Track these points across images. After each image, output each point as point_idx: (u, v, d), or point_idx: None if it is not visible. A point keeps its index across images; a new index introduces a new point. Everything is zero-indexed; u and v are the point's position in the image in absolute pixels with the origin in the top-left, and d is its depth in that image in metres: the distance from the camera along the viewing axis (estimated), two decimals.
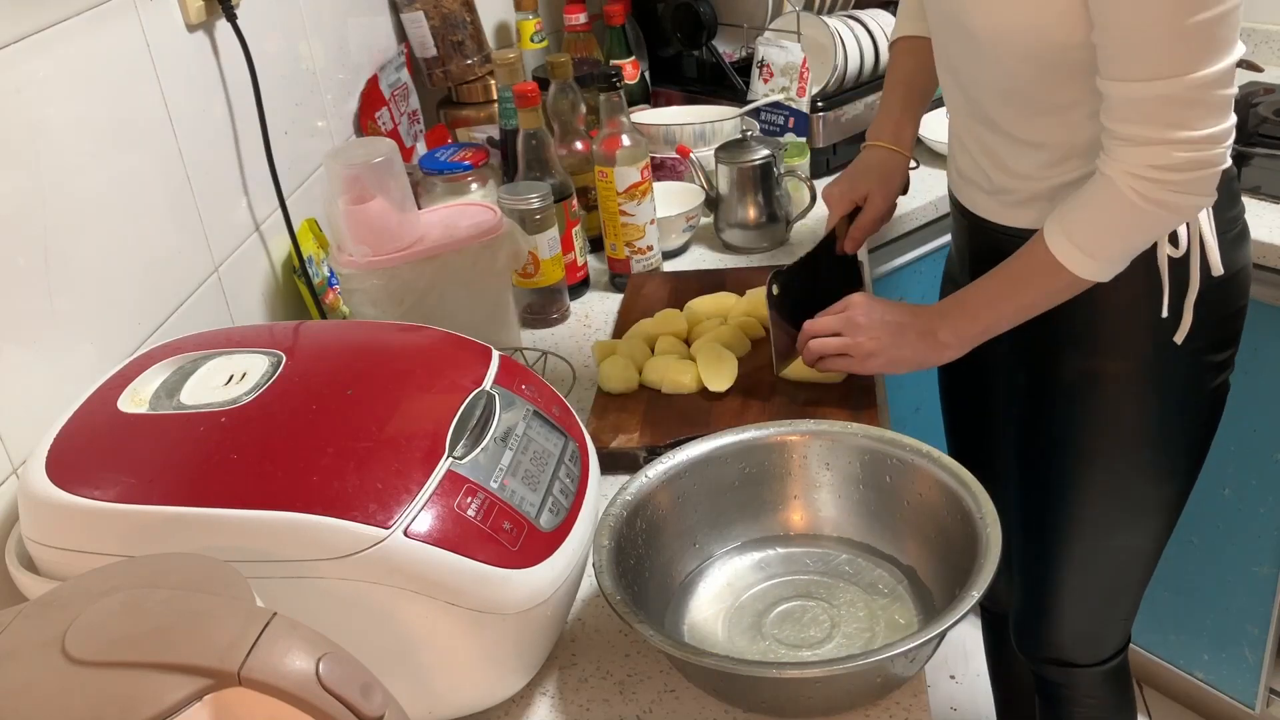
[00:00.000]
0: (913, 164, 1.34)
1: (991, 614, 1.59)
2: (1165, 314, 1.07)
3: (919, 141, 1.85)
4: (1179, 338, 1.09)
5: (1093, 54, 0.96)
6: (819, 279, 1.26)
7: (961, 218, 1.23)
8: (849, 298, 1.16)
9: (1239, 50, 0.93)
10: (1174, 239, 1.05)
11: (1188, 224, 1.04)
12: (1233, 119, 0.95)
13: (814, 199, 1.58)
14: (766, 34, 1.81)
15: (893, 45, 1.33)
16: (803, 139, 1.72)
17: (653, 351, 1.29)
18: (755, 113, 1.76)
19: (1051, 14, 0.96)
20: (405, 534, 0.73)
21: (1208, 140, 0.94)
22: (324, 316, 1.33)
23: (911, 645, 0.76)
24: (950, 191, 1.25)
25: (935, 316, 1.11)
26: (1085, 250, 1.00)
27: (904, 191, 1.35)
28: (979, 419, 1.39)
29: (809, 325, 1.17)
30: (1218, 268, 1.06)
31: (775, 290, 1.20)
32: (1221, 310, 1.12)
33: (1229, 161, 0.97)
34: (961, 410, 1.46)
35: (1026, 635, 1.35)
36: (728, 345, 1.26)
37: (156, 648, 0.54)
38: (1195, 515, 1.73)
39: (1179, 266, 1.06)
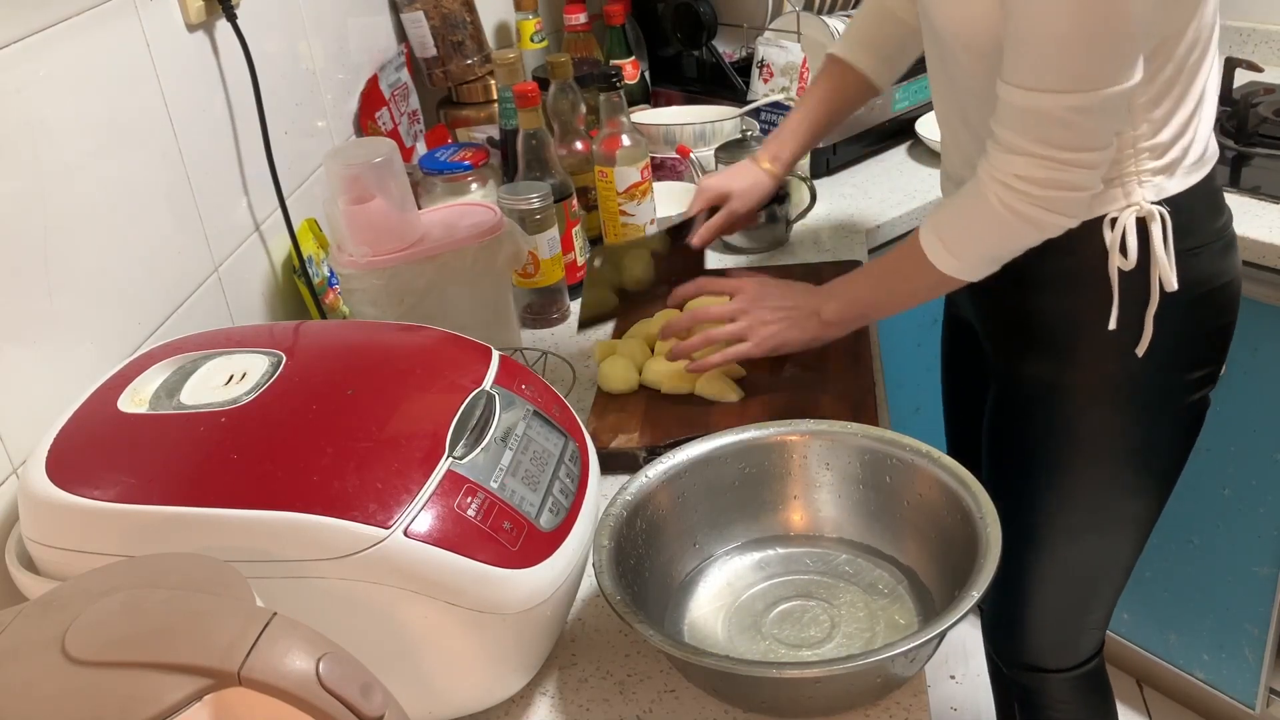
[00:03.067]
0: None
1: None
2: (1113, 326, 1.04)
3: (917, 141, 1.86)
4: (1139, 350, 1.06)
5: None
6: (655, 258, 1.35)
7: None
8: (739, 281, 1.19)
9: (1131, 82, 0.91)
10: (1124, 249, 1.02)
11: (1138, 235, 1.01)
12: (1108, 150, 0.94)
13: (814, 199, 1.58)
14: (766, 34, 1.81)
15: (827, 55, 1.34)
16: None
17: (653, 351, 1.29)
18: (755, 113, 1.76)
19: (990, 8, 0.95)
20: (405, 534, 0.73)
21: (1075, 164, 0.93)
22: (324, 316, 1.33)
23: (911, 645, 0.76)
24: (941, 192, 1.26)
25: (821, 297, 1.14)
26: (949, 249, 1.01)
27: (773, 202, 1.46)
28: (976, 423, 1.39)
29: (700, 313, 1.20)
30: (1170, 284, 1.03)
31: (597, 264, 1.30)
32: (1204, 325, 1.10)
33: (1098, 187, 0.96)
34: (960, 414, 1.46)
35: (999, 640, 1.35)
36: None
37: (156, 648, 0.54)
38: (1195, 515, 1.74)
39: (1134, 279, 1.03)
